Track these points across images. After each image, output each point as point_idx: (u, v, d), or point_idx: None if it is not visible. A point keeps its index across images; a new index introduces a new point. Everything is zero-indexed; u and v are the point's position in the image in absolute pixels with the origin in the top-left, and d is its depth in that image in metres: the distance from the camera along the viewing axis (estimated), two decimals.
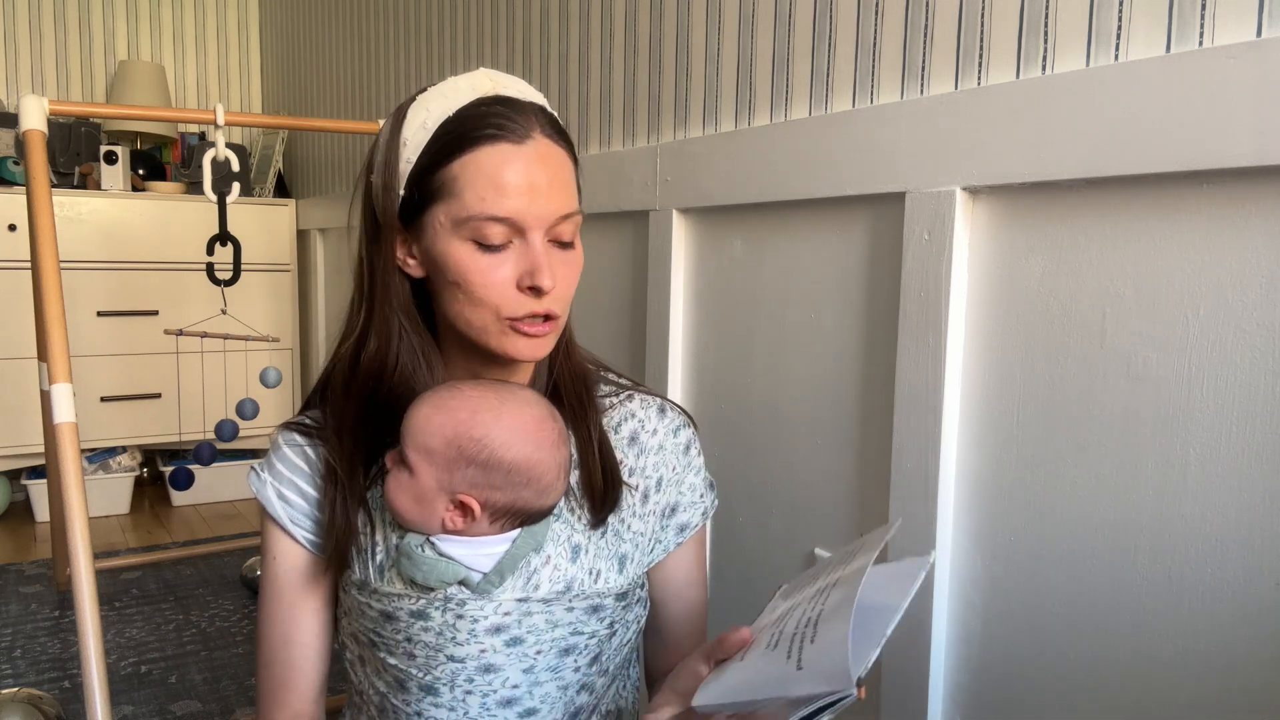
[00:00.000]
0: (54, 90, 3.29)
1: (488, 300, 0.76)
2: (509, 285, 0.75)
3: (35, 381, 2.38)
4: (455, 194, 0.75)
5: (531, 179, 0.74)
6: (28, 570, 2.46)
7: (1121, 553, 0.90)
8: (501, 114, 0.75)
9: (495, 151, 0.74)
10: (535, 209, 0.74)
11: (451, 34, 2.17)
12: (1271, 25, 0.76)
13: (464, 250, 0.75)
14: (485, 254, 0.75)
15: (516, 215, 0.74)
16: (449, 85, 0.78)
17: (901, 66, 1.09)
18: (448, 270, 0.76)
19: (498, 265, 0.75)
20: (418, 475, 0.76)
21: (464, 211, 0.74)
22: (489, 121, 0.75)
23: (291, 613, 0.85)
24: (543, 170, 0.75)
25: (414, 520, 0.77)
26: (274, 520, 0.84)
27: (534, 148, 0.75)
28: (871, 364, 1.15)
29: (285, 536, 0.84)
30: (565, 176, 0.77)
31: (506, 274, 0.75)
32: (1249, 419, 0.80)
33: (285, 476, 0.84)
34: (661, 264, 1.47)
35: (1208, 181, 0.81)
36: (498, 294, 0.75)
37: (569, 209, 0.77)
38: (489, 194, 0.73)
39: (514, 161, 0.74)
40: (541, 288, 0.74)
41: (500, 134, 0.74)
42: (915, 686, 1.08)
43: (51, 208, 1.55)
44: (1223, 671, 0.83)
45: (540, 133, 0.76)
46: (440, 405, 0.76)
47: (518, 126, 0.75)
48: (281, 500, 0.84)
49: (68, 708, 1.71)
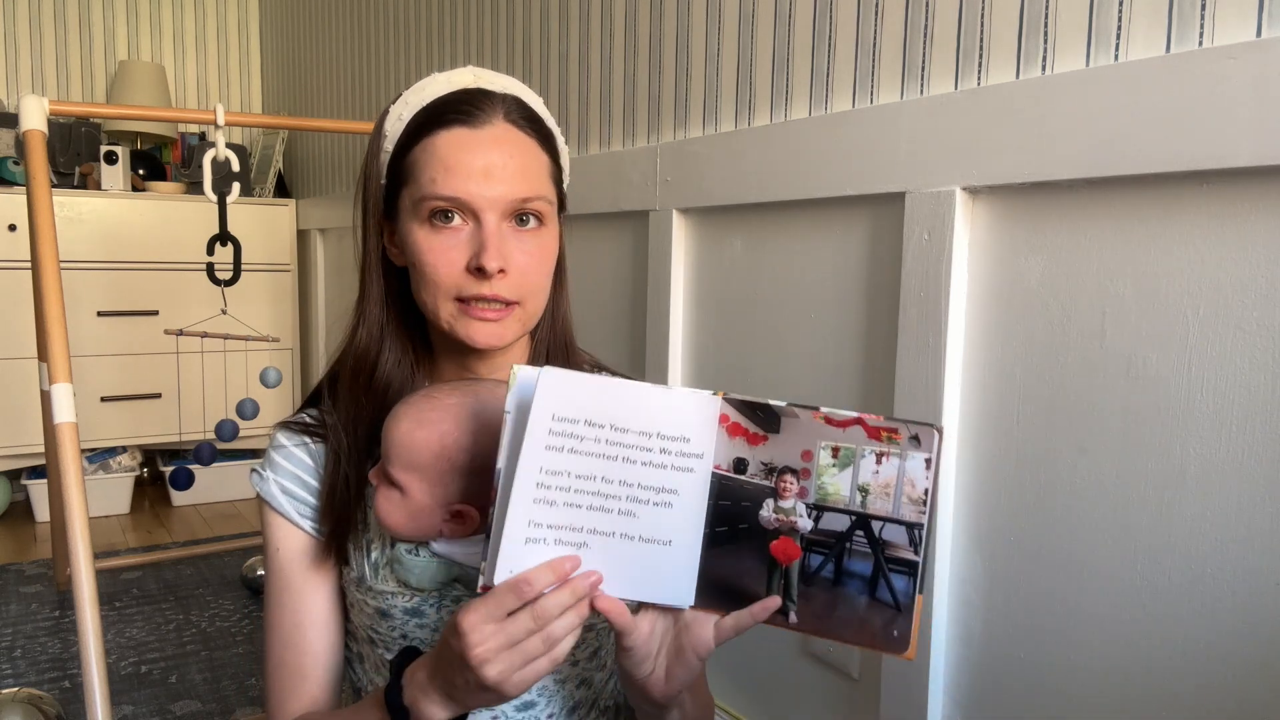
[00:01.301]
0: (54, 90, 3.29)
1: (439, 281, 0.76)
2: (458, 266, 0.76)
3: (35, 381, 2.38)
4: (414, 177, 0.77)
5: (486, 161, 0.75)
6: (28, 570, 2.45)
7: (1121, 552, 0.89)
8: (467, 101, 0.77)
9: (451, 135, 0.76)
10: (486, 190, 0.75)
11: (451, 34, 2.17)
12: (1271, 25, 0.76)
13: (420, 231, 0.77)
14: (437, 234, 0.76)
15: (466, 195, 0.75)
16: (429, 80, 0.80)
17: (901, 66, 1.09)
18: (408, 251, 0.78)
19: (449, 246, 0.76)
20: (409, 493, 0.74)
21: (419, 192, 0.76)
22: (451, 108, 0.77)
23: (301, 598, 0.83)
24: (498, 153, 0.76)
25: (410, 535, 0.76)
26: (279, 513, 0.83)
27: (491, 132, 0.76)
28: (871, 364, 1.15)
29: (290, 526, 0.83)
30: (526, 162, 0.78)
31: (457, 255, 0.76)
32: (1249, 419, 0.80)
33: (288, 470, 0.84)
34: (661, 264, 1.47)
35: (1208, 181, 0.81)
36: (447, 274, 0.76)
37: (528, 193, 0.77)
38: (439, 175, 0.75)
39: (468, 144, 0.76)
40: (486, 268, 0.74)
41: (459, 119, 0.76)
42: (915, 686, 1.08)
43: (51, 208, 1.55)
44: (1223, 671, 0.83)
45: (503, 119, 0.77)
46: (420, 420, 0.74)
47: (479, 112, 0.77)
48: (286, 495, 0.83)
49: (68, 708, 1.71)
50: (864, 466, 0.64)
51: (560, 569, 0.61)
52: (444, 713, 0.67)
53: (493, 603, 0.61)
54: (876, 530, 0.64)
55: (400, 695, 0.68)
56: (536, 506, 0.62)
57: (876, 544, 0.64)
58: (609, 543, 0.64)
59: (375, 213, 0.82)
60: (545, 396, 0.61)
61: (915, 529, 0.63)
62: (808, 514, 0.65)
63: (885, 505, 0.64)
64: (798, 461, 0.65)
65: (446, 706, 0.67)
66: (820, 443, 0.65)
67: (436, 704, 0.67)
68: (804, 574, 0.65)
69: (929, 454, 0.63)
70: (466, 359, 0.83)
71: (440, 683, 0.66)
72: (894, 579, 0.64)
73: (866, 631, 0.64)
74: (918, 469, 0.63)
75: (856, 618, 0.64)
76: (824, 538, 0.65)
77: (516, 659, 0.61)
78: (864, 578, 0.64)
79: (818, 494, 0.65)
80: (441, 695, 0.66)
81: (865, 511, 0.64)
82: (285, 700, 0.83)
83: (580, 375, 0.63)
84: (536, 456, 0.61)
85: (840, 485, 0.64)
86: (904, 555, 0.64)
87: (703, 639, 0.67)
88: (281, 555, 0.84)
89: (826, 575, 0.65)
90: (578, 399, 0.62)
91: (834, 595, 0.65)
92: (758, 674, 1.36)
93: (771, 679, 1.34)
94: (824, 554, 0.65)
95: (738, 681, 1.40)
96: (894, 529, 0.64)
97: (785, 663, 1.31)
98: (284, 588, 0.84)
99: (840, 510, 0.64)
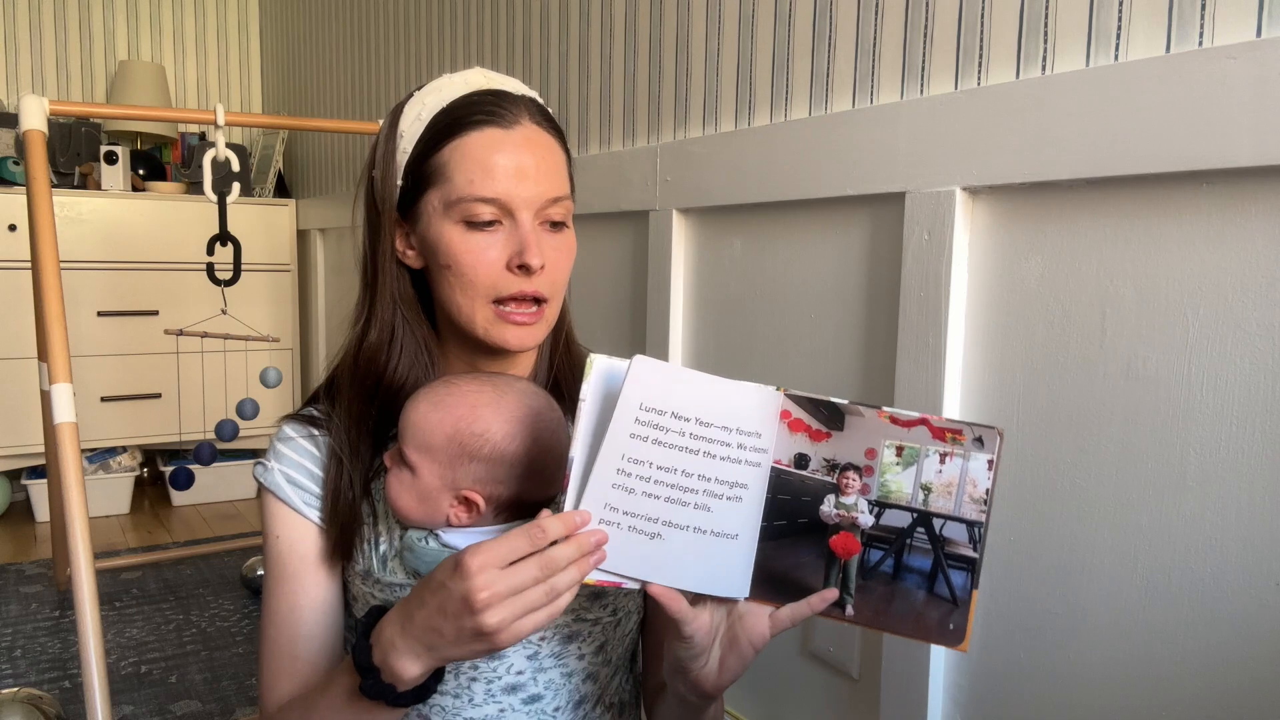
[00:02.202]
0: (54, 90, 3.29)
1: (477, 281, 0.77)
2: (498, 265, 0.77)
3: (35, 381, 2.38)
4: (447, 178, 0.77)
5: (519, 162, 0.76)
6: (28, 570, 2.46)
7: (1121, 552, 0.90)
8: (492, 102, 0.78)
9: (483, 136, 0.77)
10: (523, 191, 0.76)
11: (451, 34, 2.17)
12: (1271, 25, 0.76)
13: (455, 232, 0.77)
14: (475, 234, 0.77)
15: (504, 196, 0.76)
16: (444, 80, 0.81)
17: (901, 66, 1.09)
18: (440, 253, 0.78)
19: (487, 246, 0.77)
20: (420, 474, 0.76)
21: (454, 194, 0.76)
22: (479, 109, 0.77)
23: (298, 582, 0.82)
24: (530, 154, 0.77)
25: (418, 518, 0.77)
26: (284, 502, 0.82)
27: (522, 132, 0.78)
28: (871, 364, 1.15)
29: (294, 515, 0.82)
30: (554, 161, 0.79)
31: (496, 254, 0.77)
32: (1249, 419, 0.80)
33: (294, 460, 0.83)
34: (661, 264, 1.47)
35: (1208, 181, 0.81)
36: (486, 274, 0.77)
37: (557, 193, 0.79)
38: (477, 176, 0.76)
39: (502, 145, 0.76)
40: (530, 265, 0.76)
41: (489, 119, 0.77)
42: (915, 686, 1.08)
43: (51, 208, 1.55)
44: (1223, 671, 0.83)
45: (529, 119, 0.79)
46: (437, 402, 0.76)
47: (506, 113, 0.78)
48: (292, 485, 0.83)
49: (68, 708, 1.71)
50: (927, 466, 0.66)
51: (570, 522, 0.62)
52: (418, 667, 0.65)
53: (504, 547, 0.60)
54: (938, 527, 0.66)
55: (370, 655, 0.66)
56: (614, 492, 0.63)
57: (937, 540, 0.66)
58: (682, 535, 0.65)
59: (389, 214, 0.81)
60: (634, 385, 0.63)
61: (976, 527, 0.65)
62: (869, 510, 0.66)
63: (947, 504, 0.66)
64: (861, 459, 0.67)
65: (421, 660, 0.65)
66: (885, 441, 0.66)
67: (409, 658, 0.64)
68: (862, 568, 0.67)
69: (991, 455, 0.65)
70: (477, 358, 0.83)
71: (419, 632, 0.64)
72: (953, 574, 0.66)
73: (923, 625, 0.66)
74: (980, 469, 0.65)
75: (914, 612, 0.66)
76: (884, 534, 0.66)
77: (518, 607, 0.60)
78: (923, 573, 0.66)
79: (880, 491, 0.66)
80: (420, 647, 0.64)
81: (928, 509, 0.66)
82: (277, 680, 0.81)
83: (666, 365, 0.64)
84: (620, 444, 0.63)
85: (903, 483, 0.66)
86: (963, 552, 0.66)
87: (758, 630, 0.68)
88: (282, 543, 0.83)
89: (886, 570, 0.66)
90: (665, 389, 0.64)
91: (892, 589, 0.66)
92: (758, 674, 1.36)
93: (771, 679, 1.34)
94: (884, 549, 0.66)
95: (738, 681, 1.40)
96: (955, 526, 0.66)
97: (785, 663, 1.31)
98: (281, 574, 0.83)
99: (902, 507, 0.66)
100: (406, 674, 0.65)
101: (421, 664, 0.65)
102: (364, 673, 0.66)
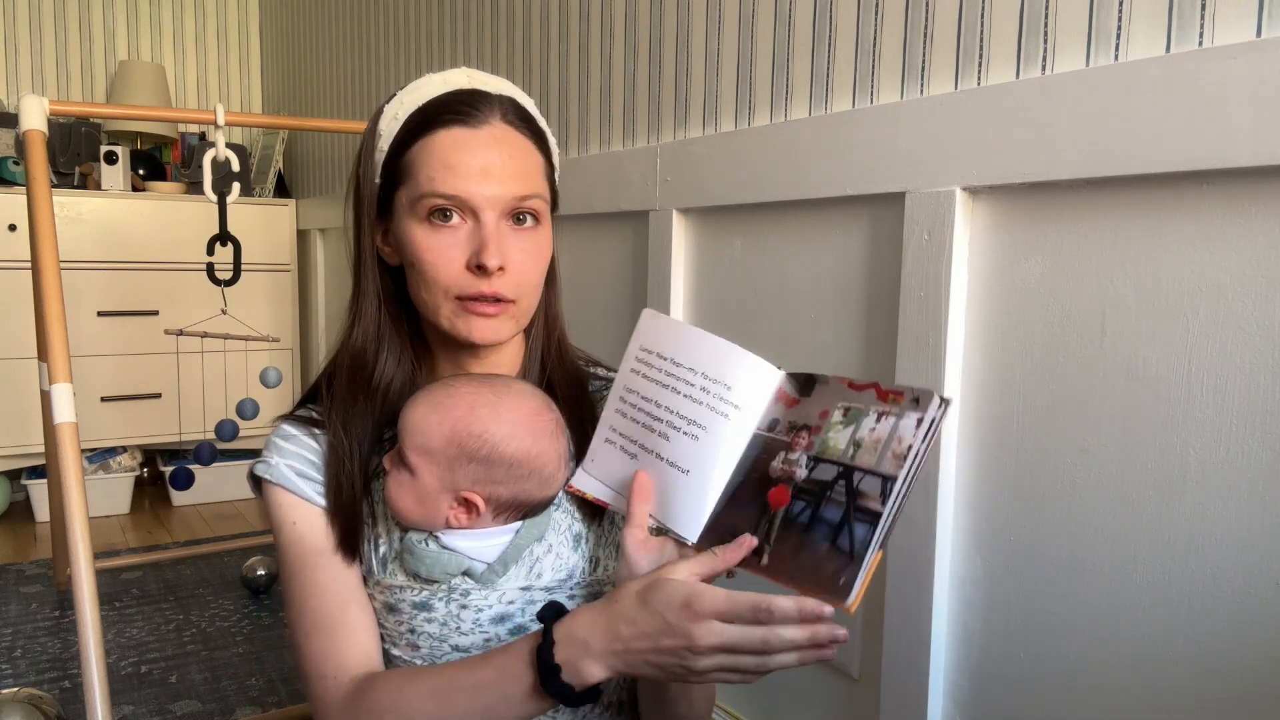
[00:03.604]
0: (54, 90, 3.29)
1: (438, 279, 0.77)
2: (458, 264, 0.77)
3: (35, 381, 2.38)
4: (412, 175, 0.78)
5: (484, 161, 0.76)
6: (28, 570, 2.45)
7: (1121, 552, 0.90)
8: (464, 101, 0.78)
9: (449, 134, 0.77)
10: (485, 189, 0.76)
11: (451, 34, 2.17)
12: (1271, 25, 0.76)
13: (419, 230, 0.78)
14: (437, 232, 0.77)
15: (465, 194, 0.76)
16: (424, 80, 0.81)
17: (901, 66, 1.09)
18: (406, 250, 0.79)
19: (449, 244, 0.77)
20: (419, 476, 0.76)
21: (417, 190, 0.77)
22: (448, 109, 0.78)
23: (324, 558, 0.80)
24: (496, 153, 0.77)
25: (418, 520, 0.77)
26: (293, 493, 0.81)
27: (489, 132, 0.78)
28: (871, 364, 1.15)
29: (306, 504, 0.80)
30: (524, 161, 0.79)
31: (457, 253, 0.77)
32: (1249, 419, 0.80)
33: (297, 454, 0.82)
34: (661, 264, 1.47)
35: (1208, 181, 0.81)
36: (446, 272, 0.77)
37: (525, 192, 0.78)
38: (439, 173, 0.76)
39: (467, 143, 0.77)
40: (486, 265, 0.75)
41: (456, 118, 0.77)
42: (915, 686, 1.08)
43: (51, 208, 1.55)
44: (1222, 671, 0.83)
45: (500, 119, 0.78)
46: (436, 404, 0.76)
47: (476, 112, 0.78)
48: (300, 477, 0.81)
49: (68, 708, 1.71)
50: (864, 424, 0.67)
51: (806, 609, 0.60)
52: (603, 673, 0.66)
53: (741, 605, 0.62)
54: (856, 481, 0.66)
55: (553, 652, 0.67)
56: (616, 415, 0.76)
57: (852, 493, 0.66)
58: (647, 459, 0.74)
59: (369, 212, 0.82)
60: (639, 331, 0.76)
61: (889, 481, 0.64)
62: (806, 465, 0.68)
63: (871, 459, 0.66)
64: (816, 420, 0.69)
65: (611, 670, 0.66)
66: (838, 404, 0.69)
67: (600, 665, 0.66)
68: (785, 520, 0.68)
69: (922, 414, 0.65)
70: (461, 356, 0.84)
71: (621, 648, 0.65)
72: (856, 526, 0.64)
73: (818, 578, 0.64)
74: (909, 427, 0.65)
75: (814, 563, 0.65)
76: (812, 486, 0.67)
77: (726, 664, 0.62)
78: (832, 524, 0.65)
79: (820, 447, 0.68)
80: (619, 662, 0.66)
81: (852, 464, 0.67)
82: (339, 649, 0.77)
83: (669, 319, 0.77)
84: (624, 377, 0.76)
85: (840, 439, 0.68)
86: (872, 506, 0.64)
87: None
88: (299, 527, 0.80)
89: (802, 521, 0.67)
90: (661, 336, 0.75)
91: (802, 540, 0.66)
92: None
93: (771, 678, 1.33)
94: (806, 501, 0.67)
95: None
96: (871, 480, 0.65)
97: None
98: (305, 553, 0.80)
99: (833, 461, 0.67)
100: (592, 679, 0.67)
101: (609, 673, 0.67)
102: (546, 670, 0.67)
